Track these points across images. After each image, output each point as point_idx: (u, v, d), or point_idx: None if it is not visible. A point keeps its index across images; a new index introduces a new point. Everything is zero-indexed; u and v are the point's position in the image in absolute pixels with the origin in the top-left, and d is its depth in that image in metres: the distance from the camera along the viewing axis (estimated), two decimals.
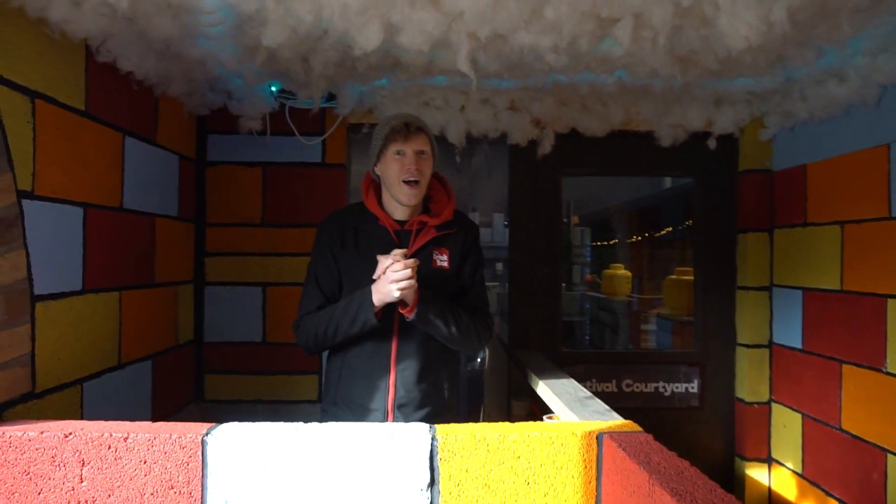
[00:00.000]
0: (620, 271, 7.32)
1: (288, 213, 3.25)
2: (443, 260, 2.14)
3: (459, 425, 1.71)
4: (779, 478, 3.35)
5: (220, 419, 1.72)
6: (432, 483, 1.62)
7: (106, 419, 2.25)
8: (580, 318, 7.82)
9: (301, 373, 3.25)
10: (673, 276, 5.34)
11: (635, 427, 1.72)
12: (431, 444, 1.63)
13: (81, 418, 2.16)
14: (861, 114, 2.71)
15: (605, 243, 9.25)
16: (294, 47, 2.36)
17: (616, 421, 1.84)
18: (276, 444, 1.62)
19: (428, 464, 1.62)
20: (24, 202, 1.85)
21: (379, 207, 2.15)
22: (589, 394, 2.24)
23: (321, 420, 2.25)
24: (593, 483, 1.64)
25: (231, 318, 3.25)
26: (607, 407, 2.07)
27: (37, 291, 1.91)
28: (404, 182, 2.05)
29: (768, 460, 3.44)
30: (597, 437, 1.65)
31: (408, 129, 2.04)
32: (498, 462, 1.63)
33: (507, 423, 1.72)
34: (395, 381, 2.08)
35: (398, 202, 2.11)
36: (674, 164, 3.57)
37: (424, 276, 2.08)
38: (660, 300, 6.22)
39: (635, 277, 7.60)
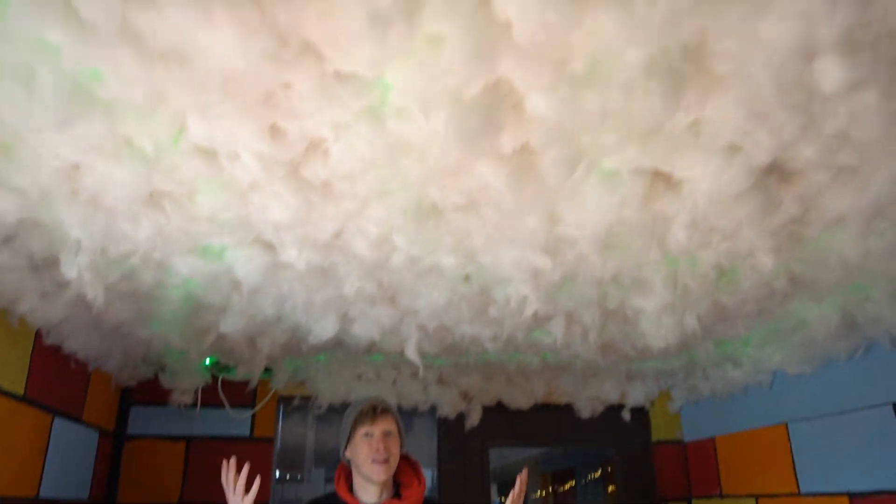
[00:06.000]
0: None
1: (209, 492, 3.06)
2: None
3: None
4: None
5: None
6: None
7: None
8: None
9: None
10: None
11: None
12: None
13: None
14: (759, 394, 3.05)
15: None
16: (246, 331, 2.45)
17: None
18: None
19: None
20: None
21: (349, 493, 2.15)
22: None
23: None
24: None
25: None
26: None
27: None
28: (374, 462, 2.09)
29: None
30: None
31: (374, 411, 2.13)
32: None
33: None
34: None
35: (369, 482, 2.12)
36: (594, 435, 3.73)
37: None
38: None
39: None
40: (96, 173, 1.43)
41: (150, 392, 3.10)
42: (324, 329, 2.27)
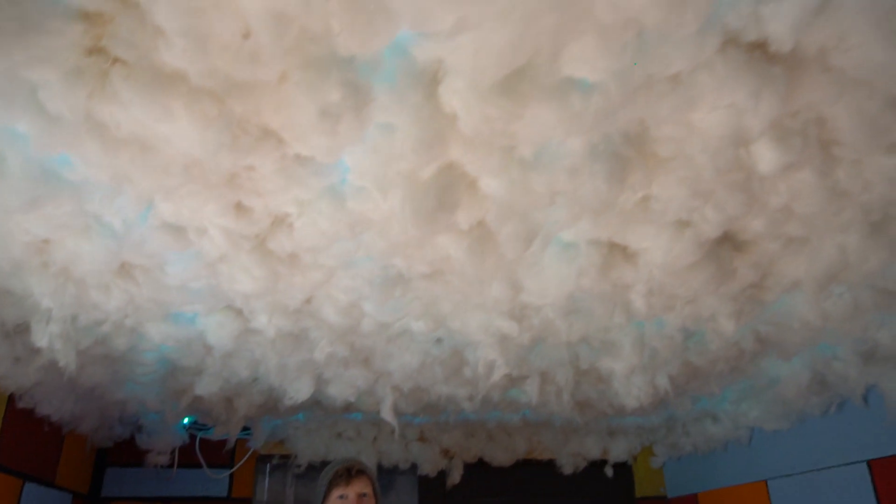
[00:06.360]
0: None
1: None
2: None
3: None
4: None
5: None
6: None
7: None
8: None
9: None
10: None
11: None
12: None
13: None
14: (738, 450, 3.04)
15: None
16: (222, 392, 2.46)
17: None
18: None
19: None
20: None
21: None
22: None
23: None
24: None
25: None
26: None
27: None
28: None
29: None
30: None
31: (349, 472, 2.12)
32: None
33: None
34: None
35: None
36: (576, 492, 3.69)
37: None
38: None
39: None
40: (66, 247, 1.47)
41: (126, 453, 3.07)
42: (299, 391, 2.27)
